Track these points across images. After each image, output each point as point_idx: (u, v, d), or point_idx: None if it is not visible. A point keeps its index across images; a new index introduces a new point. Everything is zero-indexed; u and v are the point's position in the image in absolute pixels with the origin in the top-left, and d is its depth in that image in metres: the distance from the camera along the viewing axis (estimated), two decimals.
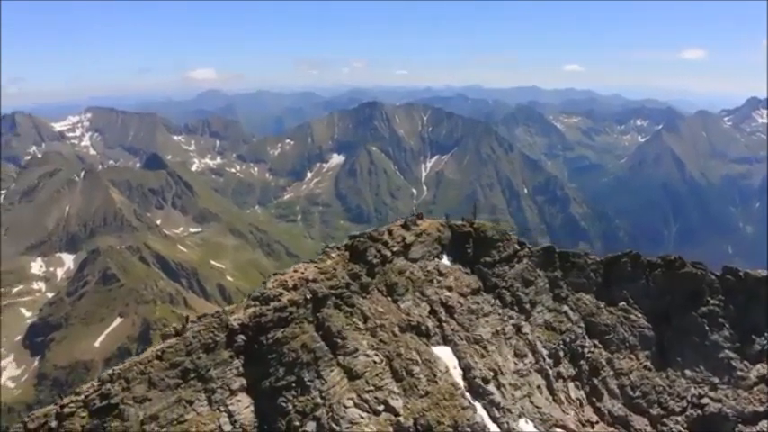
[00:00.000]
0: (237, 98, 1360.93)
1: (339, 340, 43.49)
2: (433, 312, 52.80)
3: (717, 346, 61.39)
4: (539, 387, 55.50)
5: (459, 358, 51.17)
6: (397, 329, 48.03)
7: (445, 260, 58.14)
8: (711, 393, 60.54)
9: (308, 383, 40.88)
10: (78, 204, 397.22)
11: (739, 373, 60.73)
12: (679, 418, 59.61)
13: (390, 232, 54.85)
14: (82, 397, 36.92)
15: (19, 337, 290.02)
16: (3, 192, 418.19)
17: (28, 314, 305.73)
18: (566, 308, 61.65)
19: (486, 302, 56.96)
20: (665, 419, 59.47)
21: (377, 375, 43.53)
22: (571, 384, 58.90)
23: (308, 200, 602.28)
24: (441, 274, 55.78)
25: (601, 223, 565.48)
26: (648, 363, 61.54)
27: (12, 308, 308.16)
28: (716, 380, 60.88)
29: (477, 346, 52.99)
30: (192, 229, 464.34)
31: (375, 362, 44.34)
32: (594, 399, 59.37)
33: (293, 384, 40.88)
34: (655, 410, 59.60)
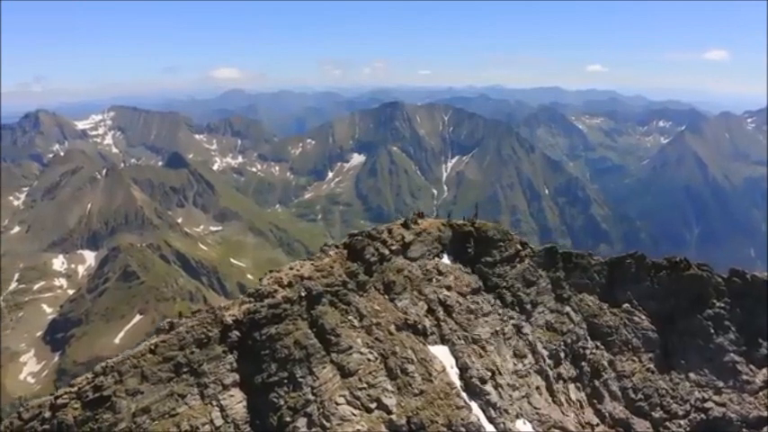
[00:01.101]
0: (260, 98, 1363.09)
1: (333, 337, 43.68)
2: (431, 311, 52.78)
3: (722, 350, 60.88)
4: (538, 388, 55.26)
5: (457, 358, 51.12)
6: (393, 328, 48.12)
7: (445, 259, 58.06)
8: (716, 397, 60.06)
9: (300, 380, 41.16)
10: (100, 202, 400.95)
11: (745, 377, 60.18)
12: (682, 422, 59.18)
13: (390, 231, 54.91)
14: (75, 389, 37.51)
15: (40, 333, 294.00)
16: (25, 189, 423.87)
17: (49, 310, 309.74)
18: (568, 309, 61.33)
19: (486, 302, 56.79)
20: (667, 423, 59.04)
21: (370, 373, 43.69)
22: (572, 386, 58.62)
23: (329, 199, 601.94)
24: (440, 273, 55.71)
25: (622, 225, 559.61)
26: (652, 365, 61.15)
27: (33, 304, 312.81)
28: (720, 384, 60.40)
29: (475, 346, 52.91)
30: (212, 228, 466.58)
31: (369, 360, 44.50)
32: (595, 401, 59.08)
33: (285, 381, 41.18)
34: (657, 414, 59.18)
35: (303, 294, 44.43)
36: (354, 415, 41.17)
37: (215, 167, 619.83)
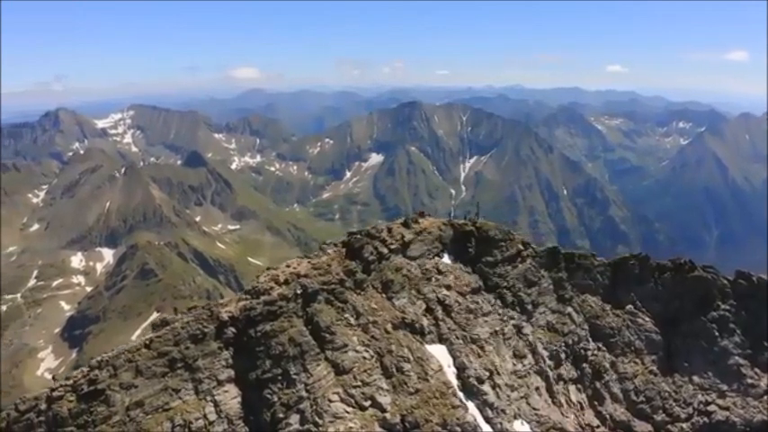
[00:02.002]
0: (279, 97, 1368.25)
1: (328, 335, 43.89)
2: (429, 310, 52.66)
3: (726, 353, 60.27)
4: (537, 389, 54.96)
5: (454, 357, 50.99)
6: (389, 326, 48.17)
7: (446, 259, 57.94)
8: (719, 401, 59.48)
9: (294, 377, 41.42)
10: (119, 200, 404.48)
11: (749, 380, 59.54)
12: (684, 425, 58.65)
13: (390, 230, 55.06)
14: (71, 382, 38.15)
15: (58, 330, 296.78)
16: (45, 187, 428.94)
17: (67, 307, 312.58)
18: (569, 309, 60.91)
19: (486, 302, 56.62)
20: (669, 426, 58.54)
21: (365, 371, 43.81)
22: (572, 387, 58.29)
23: (347, 199, 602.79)
24: (440, 272, 55.59)
25: (641, 226, 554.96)
26: (654, 367, 60.62)
27: (51, 301, 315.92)
28: (724, 387, 59.81)
29: (473, 346, 52.78)
30: (230, 227, 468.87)
31: (365, 358, 44.63)
32: (596, 402, 58.65)
33: (279, 377, 41.48)
34: (659, 416, 58.69)
35: (299, 292, 44.72)
36: (348, 413, 41.32)
37: (233, 166, 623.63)
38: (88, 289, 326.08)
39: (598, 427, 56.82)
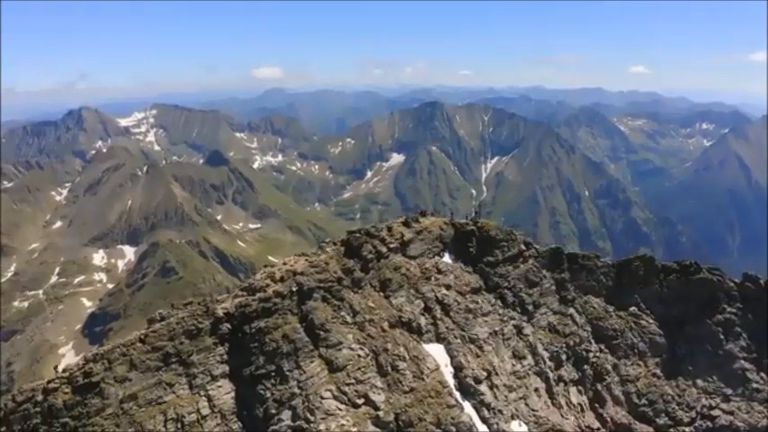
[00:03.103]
0: (301, 96, 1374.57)
1: (322, 333, 44.17)
2: (427, 310, 52.72)
3: (731, 357, 59.49)
4: (536, 390, 54.71)
5: (452, 357, 51.01)
6: (386, 325, 48.34)
7: (446, 258, 57.98)
8: (723, 405, 58.70)
9: (287, 373, 41.79)
10: (140, 198, 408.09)
11: (754, 385, 58.75)
12: (687, 429, 57.93)
13: (390, 229, 55.23)
14: (67, 374, 38.96)
15: (79, 326, 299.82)
16: (68, 185, 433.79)
17: (88, 304, 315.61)
18: (571, 311, 60.51)
19: (486, 302, 56.52)
20: (671, 430, 57.85)
21: (360, 369, 43.98)
22: (573, 389, 57.92)
23: (368, 198, 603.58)
24: (440, 271, 55.60)
25: (663, 228, 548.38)
26: (658, 370, 59.99)
27: (73, 297, 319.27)
28: (729, 391, 59.02)
29: (472, 346, 52.72)
30: (251, 225, 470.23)
31: (359, 356, 44.79)
32: (597, 405, 58.21)
33: (273, 373, 41.90)
34: (661, 420, 58.03)
35: (294, 289, 45.08)
36: (340, 410, 41.48)
37: (255, 165, 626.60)
38: (109, 286, 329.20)
39: (598, 429, 56.41)
